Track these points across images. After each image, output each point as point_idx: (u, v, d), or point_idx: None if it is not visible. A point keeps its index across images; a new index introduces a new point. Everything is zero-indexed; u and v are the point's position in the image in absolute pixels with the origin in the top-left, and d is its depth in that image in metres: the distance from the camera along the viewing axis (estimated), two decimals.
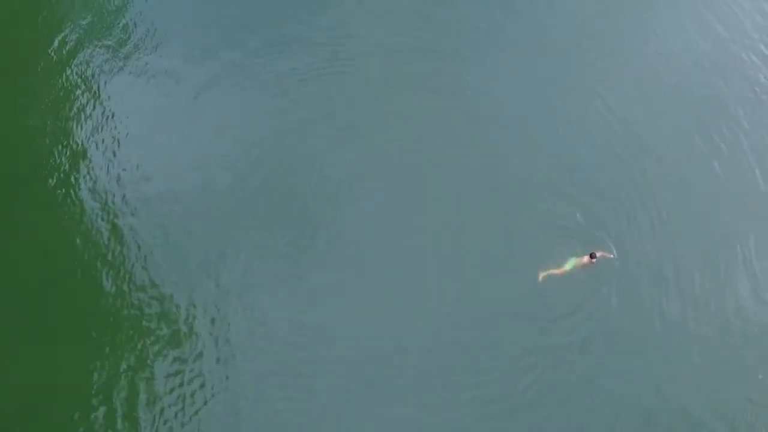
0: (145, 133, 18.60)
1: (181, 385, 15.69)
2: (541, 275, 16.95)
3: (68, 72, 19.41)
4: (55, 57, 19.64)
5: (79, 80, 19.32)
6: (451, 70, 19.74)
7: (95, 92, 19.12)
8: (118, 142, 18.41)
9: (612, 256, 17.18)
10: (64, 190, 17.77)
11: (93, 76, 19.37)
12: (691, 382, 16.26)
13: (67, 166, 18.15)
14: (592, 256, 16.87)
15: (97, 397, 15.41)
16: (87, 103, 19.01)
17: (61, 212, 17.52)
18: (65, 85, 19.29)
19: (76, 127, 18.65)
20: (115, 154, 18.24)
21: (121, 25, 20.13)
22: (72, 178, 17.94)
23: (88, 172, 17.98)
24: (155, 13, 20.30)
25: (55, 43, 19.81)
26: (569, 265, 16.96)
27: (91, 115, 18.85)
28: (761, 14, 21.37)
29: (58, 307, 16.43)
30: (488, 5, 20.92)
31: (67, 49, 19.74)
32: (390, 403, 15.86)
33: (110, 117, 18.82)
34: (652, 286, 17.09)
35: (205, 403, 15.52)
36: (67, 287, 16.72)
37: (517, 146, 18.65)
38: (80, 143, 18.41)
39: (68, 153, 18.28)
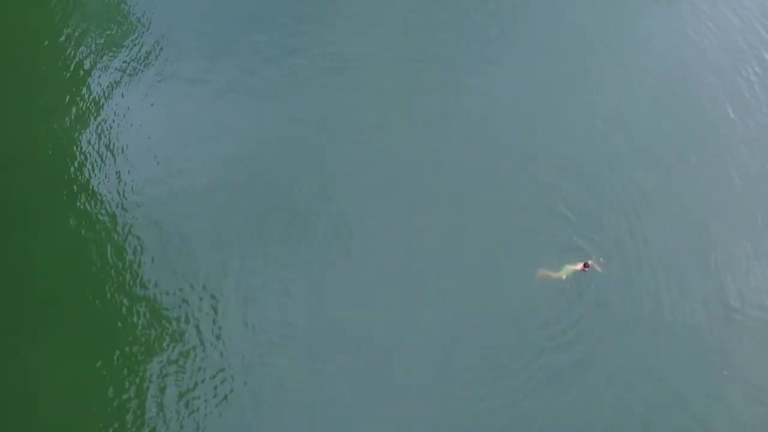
0: (156, 138, 18.98)
1: (203, 381, 16.18)
2: (540, 274, 17.51)
3: (82, 79, 19.81)
4: (70, 64, 20.03)
5: (94, 87, 19.72)
6: (454, 80, 20.17)
7: (109, 99, 19.54)
8: (131, 147, 18.84)
9: (599, 269, 17.64)
10: (78, 195, 18.20)
11: (107, 83, 19.78)
12: (685, 384, 16.76)
13: (81, 170, 18.51)
14: (585, 265, 17.44)
15: (127, 394, 15.97)
16: (101, 109, 19.41)
17: (76, 216, 17.93)
18: (79, 91, 19.68)
19: (91, 132, 19.04)
20: (126, 159, 18.68)
21: (134, 33, 20.51)
22: (87, 183, 18.36)
23: (102, 177, 18.40)
24: (168, 22, 20.66)
25: (70, 51, 20.18)
26: (564, 271, 17.50)
27: (105, 120, 19.23)
28: (752, 32, 22.14)
29: (81, 309, 16.87)
30: (489, 16, 21.40)
31: (81, 56, 20.12)
32: (392, 399, 16.27)
33: (123, 121, 19.24)
34: (645, 292, 17.62)
35: (225, 397, 16.03)
36: (88, 287, 17.14)
37: (517, 154, 19.09)
38: (94, 149, 18.80)
39: (82, 158, 18.66)
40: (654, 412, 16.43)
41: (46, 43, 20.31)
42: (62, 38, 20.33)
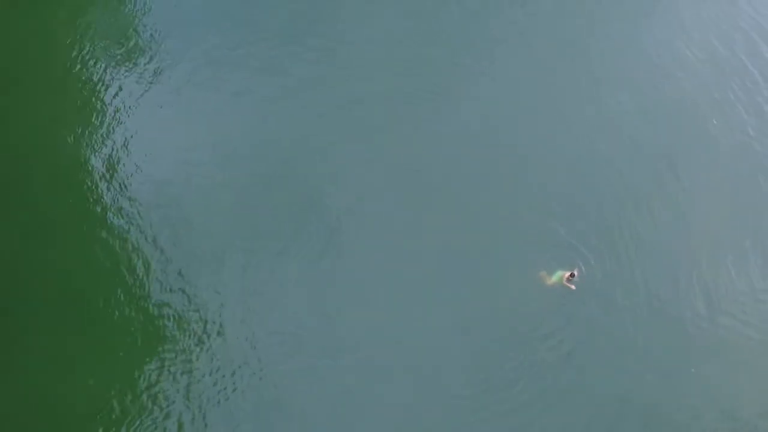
0: (167, 142, 19.28)
1: (212, 372, 16.44)
2: (541, 275, 17.95)
3: (97, 90, 20.15)
4: (85, 77, 20.41)
5: (107, 97, 20.03)
6: (454, 85, 20.69)
7: (121, 108, 19.85)
8: (143, 152, 19.13)
9: (572, 286, 18.02)
10: (94, 200, 18.47)
11: (121, 93, 20.08)
12: (685, 383, 17.11)
13: (94, 176, 18.77)
14: (571, 274, 17.83)
15: (136, 388, 16.24)
16: (112, 114, 19.72)
17: (91, 218, 18.23)
18: (93, 102, 20.02)
19: (105, 140, 19.32)
20: (139, 163, 18.95)
21: (147, 45, 20.87)
22: (102, 188, 18.64)
23: (115, 181, 18.67)
24: (179, 35, 21.07)
25: (85, 64, 20.54)
26: (557, 277, 17.94)
27: (116, 125, 19.53)
28: (734, 56, 22.74)
29: (90, 309, 17.06)
30: (490, 25, 22.05)
31: (96, 68, 20.47)
32: (392, 399, 16.49)
33: (135, 128, 19.52)
34: (641, 292, 18.00)
35: (234, 389, 16.25)
36: (100, 286, 17.34)
37: (516, 155, 19.55)
38: (106, 155, 19.09)
39: (96, 164, 18.96)
40: (654, 412, 16.68)
41: (60, 55, 20.66)
42: (78, 52, 20.74)
